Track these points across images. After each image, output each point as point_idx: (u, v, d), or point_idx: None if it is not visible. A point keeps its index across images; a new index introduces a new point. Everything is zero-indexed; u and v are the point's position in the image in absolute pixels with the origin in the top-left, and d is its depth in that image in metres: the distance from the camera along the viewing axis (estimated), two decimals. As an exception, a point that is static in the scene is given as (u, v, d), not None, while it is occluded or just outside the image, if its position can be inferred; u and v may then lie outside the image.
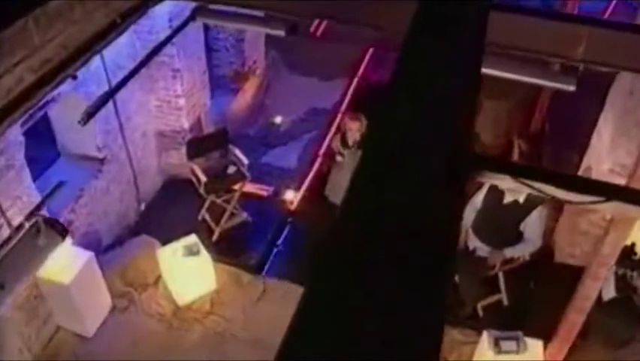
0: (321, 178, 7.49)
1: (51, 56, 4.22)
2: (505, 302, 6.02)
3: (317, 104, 9.31)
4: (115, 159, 6.26)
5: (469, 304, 5.88)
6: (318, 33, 9.89)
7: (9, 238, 3.90)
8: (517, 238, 5.30)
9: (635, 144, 5.33)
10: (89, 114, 4.47)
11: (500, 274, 5.92)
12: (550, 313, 5.91)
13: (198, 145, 6.40)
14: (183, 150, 7.04)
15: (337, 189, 6.11)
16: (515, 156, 8.17)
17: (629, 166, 5.49)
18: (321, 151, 7.90)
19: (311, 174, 7.56)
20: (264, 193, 7.23)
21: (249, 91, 8.95)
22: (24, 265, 3.59)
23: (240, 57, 8.68)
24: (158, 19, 6.01)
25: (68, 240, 4.49)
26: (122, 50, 5.83)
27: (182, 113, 6.74)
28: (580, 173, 6.20)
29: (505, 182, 3.61)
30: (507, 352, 5.09)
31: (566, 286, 6.22)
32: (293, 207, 7.17)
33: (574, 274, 6.30)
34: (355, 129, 5.74)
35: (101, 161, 6.09)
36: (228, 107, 8.50)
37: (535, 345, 5.20)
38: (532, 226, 5.23)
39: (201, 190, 6.35)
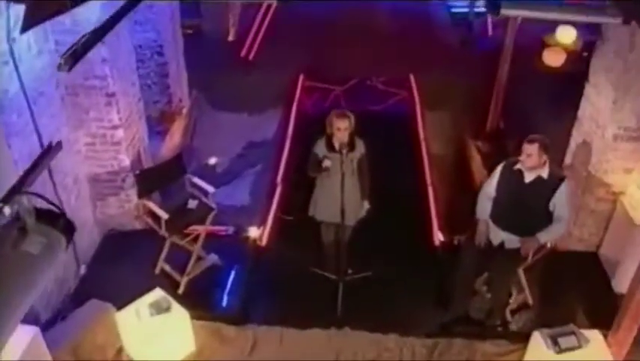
0: (286, 208, 6.65)
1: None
2: (530, 301, 5.36)
3: (253, 138, 8.48)
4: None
5: (498, 310, 5.15)
6: (251, 57, 9.16)
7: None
8: (548, 219, 4.69)
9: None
10: (76, 57, 3.33)
11: (521, 271, 5.28)
12: (580, 304, 5.37)
13: (151, 178, 5.31)
14: (123, 195, 5.91)
15: (327, 203, 5.24)
16: (475, 158, 7.80)
17: (634, 128, 5.16)
18: (279, 179, 7.04)
19: (274, 205, 6.62)
20: (224, 233, 6.19)
21: (176, 133, 7.95)
22: (7, 295, 2.32)
23: (166, 95, 7.72)
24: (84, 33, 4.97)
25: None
26: (41, 74, 4.73)
27: (120, 148, 5.62)
28: (573, 151, 5.81)
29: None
30: (569, 349, 4.39)
31: (583, 274, 5.76)
32: (263, 242, 6.16)
33: (585, 260, 5.88)
34: (344, 128, 4.96)
35: (31, 212, 4.80)
36: (158, 152, 7.42)
37: (594, 337, 4.53)
38: (562, 202, 4.65)
39: (162, 231, 5.20)
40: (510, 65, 7.64)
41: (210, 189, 5.43)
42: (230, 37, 10.07)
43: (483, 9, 11.06)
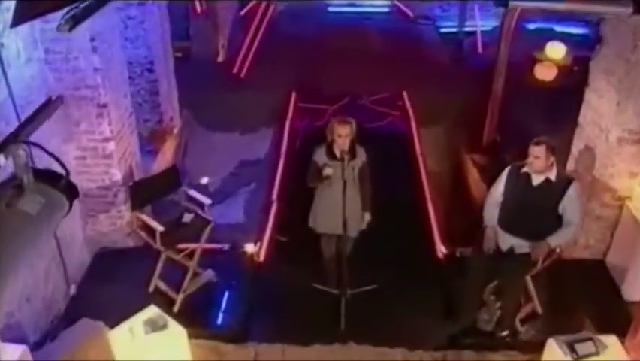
0: (281, 227, 6.46)
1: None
2: (539, 310, 5.19)
3: (246, 157, 8.34)
4: (35, 225, 4.76)
5: (507, 319, 4.97)
6: (242, 74, 9.06)
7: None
8: (558, 222, 4.55)
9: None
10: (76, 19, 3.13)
11: (528, 279, 5.12)
12: (590, 312, 5.21)
13: (145, 190, 5.10)
14: (115, 211, 5.69)
15: (327, 214, 5.07)
16: (472, 171, 7.72)
17: (638, 130, 5.09)
18: (274, 195, 6.87)
19: (271, 220, 6.44)
20: (221, 249, 5.98)
21: (167, 153, 7.76)
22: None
23: (157, 113, 7.56)
24: (76, 41, 4.84)
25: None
26: (30, 83, 4.56)
27: (112, 162, 5.42)
28: (575, 158, 5.72)
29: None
30: (587, 355, 4.21)
31: (591, 282, 5.62)
32: (261, 258, 5.95)
33: (592, 269, 5.74)
34: (345, 135, 4.81)
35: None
36: (149, 171, 7.23)
37: (611, 342, 4.36)
38: (572, 204, 4.52)
39: (157, 245, 4.98)
40: (504, 79, 7.63)
41: (207, 201, 5.24)
42: (220, 58, 9.97)
43: (472, 28, 11.16)
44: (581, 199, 4.93)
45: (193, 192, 5.33)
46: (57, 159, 2.40)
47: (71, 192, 2.40)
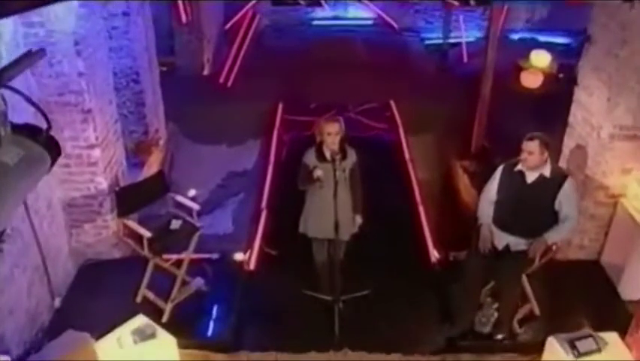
0: (271, 234, 6.34)
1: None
2: (537, 311, 5.09)
3: (233, 168, 8.27)
4: (18, 235, 4.61)
5: (505, 320, 4.86)
6: (229, 83, 8.98)
7: None
8: (554, 219, 4.49)
9: (635, 96, 4.92)
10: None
11: (525, 280, 5.04)
12: (588, 312, 5.13)
13: (132, 196, 4.96)
14: (100, 220, 5.55)
15: (319, 217, 4.96)
16: (462, 178, 7.68)
17: (629, 126, 5.07)
18: (263, 204, 6.76)
19: (260, 228, 6.31)
20: (210, 258, 5.83)
21: (153, 165, 7.63)
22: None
23: (142, 125, 7.44)
24: (60, 45, 4.74)
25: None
26: (11, 94, 4.42)
27: (97, 170, 5.29)
28: (567, 158, 5.68)
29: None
30: (588, 352, 4.12)
31: (587, 282, 5.54)
32: (251, 267, 5.82)
33: (587, 269, 5.67)
34: (334, 133, 4.72)
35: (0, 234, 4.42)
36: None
37: (612, 339, 4.28)
38: (568, 199, 4.46)
39: (145, 252, 4.84)
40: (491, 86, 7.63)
41: (195, 206, 5.11)
42: (206, 72, 9.91)
43: (457, 40, 11.24)
44: (577, 194, 4.88)
45: (180, 198, 5.20)
46: (39, 109, 2.29)
47: (53, 147, 2.29)
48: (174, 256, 5.32)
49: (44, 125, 2.36)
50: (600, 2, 5.01)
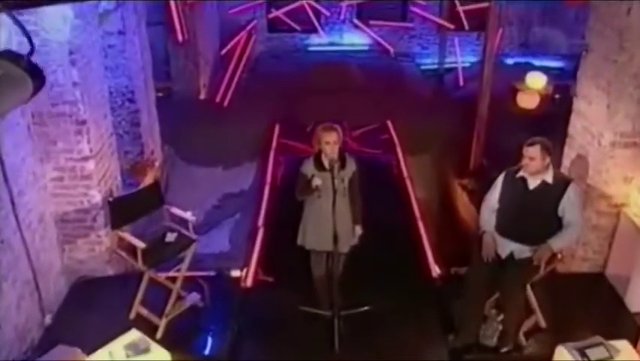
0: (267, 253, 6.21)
1: None
2: (543, 324, 4.94)
3: (229, 189, 8.19)
4: (7, 246, 4.48)
5: (511, 332, 4.71)
6: (225, 103, 8.95)
7: None
8: (558, 225, 4.39)
9: (633, 102, 4.88)
10: None
11: (530, 292, 4.90)
12: (594, 324, 4.98)
13: (126, 207, 4.84)
14: (94, 236, 5.42)
15: (317, 229, 4.84)
16: (462, 196, 7.61)
17: (630, 133, 5.02)
18: (260, 222, 6.65)
19: (257, 246, 6.19)
20: (206, 275, 5.69)
21: (149, 185, 7.53)
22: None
23: (137, 145, 7.37)
24: (55, 54, 4.70)
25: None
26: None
27: (91, 183, 5.18)
28: (568, 168, 5.61)
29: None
30: (600, 360, 3.96)
31: (593, 294, 5.42)
32: (248, 283, 5.68)
33: (592, 281, 5.55)
34: (332, 141, 4.65)
35: (-11, 244, 4.30)
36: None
37: (623, 347, 4.13)
38: (572, 205, 4.38)
39: (139, 264, 4.70)
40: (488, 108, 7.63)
41: (191, 217, 4.99)
42: (202, 96, 9.90)
43: (452, 65, 11.32)
44: (581, 200, 4.79)
45: (175, 210, 5.08)
46: (23, 28, 2.21)
47: (36, 74, 2.21)
48: (170, 274, 5.19)
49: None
50: (597, 9, 5.02)
